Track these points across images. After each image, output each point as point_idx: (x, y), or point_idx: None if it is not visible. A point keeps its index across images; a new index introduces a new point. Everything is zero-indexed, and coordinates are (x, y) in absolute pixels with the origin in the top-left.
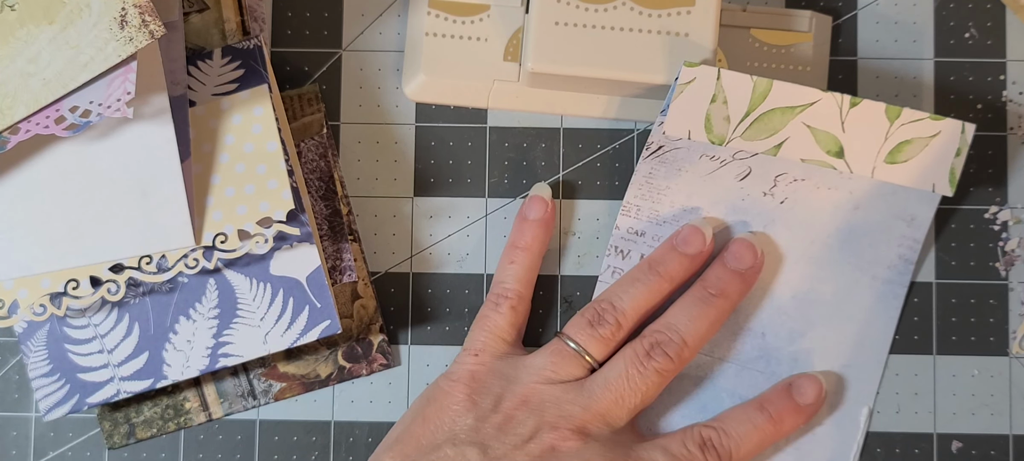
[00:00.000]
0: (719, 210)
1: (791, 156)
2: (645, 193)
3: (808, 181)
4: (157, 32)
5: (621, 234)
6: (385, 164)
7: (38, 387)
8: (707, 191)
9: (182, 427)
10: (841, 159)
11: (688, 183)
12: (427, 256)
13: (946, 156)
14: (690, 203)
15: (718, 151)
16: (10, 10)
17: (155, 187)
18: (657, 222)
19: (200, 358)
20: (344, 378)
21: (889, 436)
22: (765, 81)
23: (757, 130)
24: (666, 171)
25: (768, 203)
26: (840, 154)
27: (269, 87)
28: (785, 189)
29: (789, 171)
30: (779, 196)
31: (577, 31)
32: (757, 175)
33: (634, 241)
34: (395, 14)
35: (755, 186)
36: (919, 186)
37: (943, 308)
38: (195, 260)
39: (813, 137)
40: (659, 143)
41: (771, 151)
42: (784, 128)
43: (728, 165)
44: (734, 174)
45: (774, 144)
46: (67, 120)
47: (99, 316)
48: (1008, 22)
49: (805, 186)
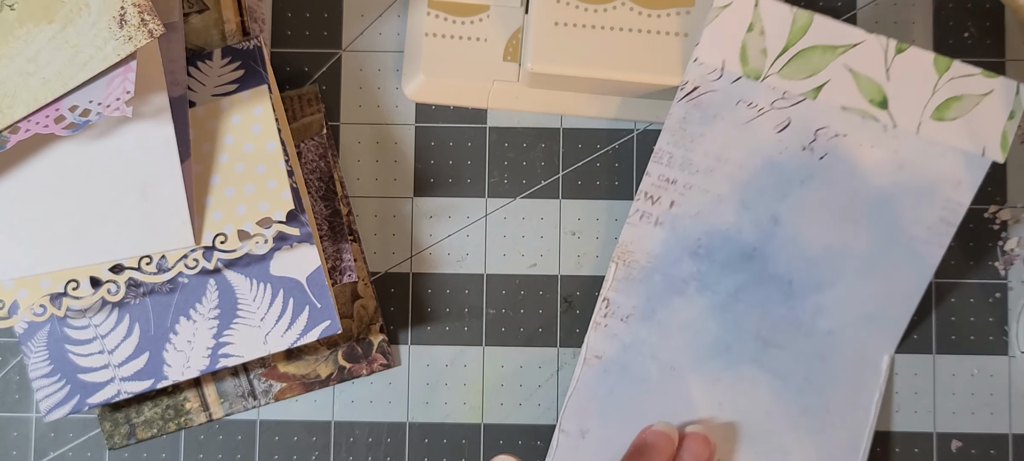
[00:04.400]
0: (755, 163)
1: (831, 102)
2: (678, 140)
3: (850, 137)
4: (156, 31)
5: (652, 180)
6: (385, 164)
7: (39, 388)
8: (743, 141)
9: (182, 427)
10: (884, 110)
11: (723, 132)
12: (427, 256)
13: (998, 118)
14: (725, 153)
15: (755, 97)
16: (10, 9)
17: (155, 187)
18: (690, 171)
19: (200, 358)
20: (344, 378)
21: (889, 435)
22: (806, 13)
23: (796, 68)
24: (701, 116)
25: (807, 158)
26: (884, 104)
27: (269, 87)
28: (826, 144)
29: (830, 124)
30: (818, 151)
31: (577, 31)
32: (796, 127)
33: (664, 188)
34: (395, 14)
35: (794, 139)
36: (968, 148)
37: (943, 308)
38: (195, 260)
39: (855, 82)
40: (694, 83)
41: (810, 94)
42: (824, 69)
43: (766, 114)
44: (772, 124)
45: (813, 86)
46: (67, 119)
47: (99, 316)
48: (1007, 22)
49: (847, 142)
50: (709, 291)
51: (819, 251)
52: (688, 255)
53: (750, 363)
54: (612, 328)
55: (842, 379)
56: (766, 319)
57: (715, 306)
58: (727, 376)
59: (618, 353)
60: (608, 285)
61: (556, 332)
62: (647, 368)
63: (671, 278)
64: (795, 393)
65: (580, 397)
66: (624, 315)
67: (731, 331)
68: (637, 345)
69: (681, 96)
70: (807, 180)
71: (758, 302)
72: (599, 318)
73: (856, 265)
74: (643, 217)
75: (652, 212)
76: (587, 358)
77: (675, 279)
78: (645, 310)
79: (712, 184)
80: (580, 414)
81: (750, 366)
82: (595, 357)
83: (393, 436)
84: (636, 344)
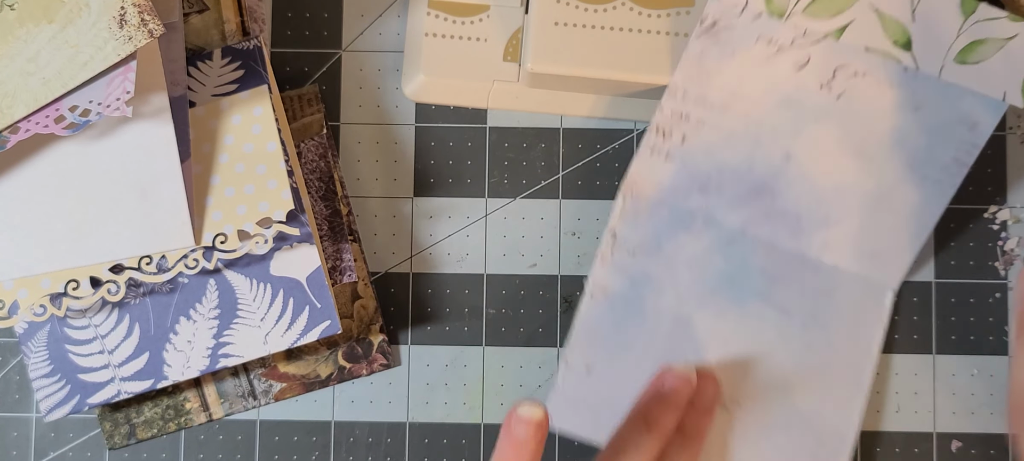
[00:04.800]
0: (770, 100)
1: (855, 42)
2: (694, 75)
3: (869, 76)
4: (156, 31)
5: (665, 115)
6: (385, 164)
7: (39, 388)
8: (760, 78)
9: (182, 427)
10: (908, 52)
11: (741, 67)
12: (427, 256)
13: (1020, 62)
14: (742, 89)
15: (776, 34)
16: (10, 9)
17: (155, 187)
18: (704, 106)
19: (200, 358)
20: (344, 378)
21: (889, 435)
22: None
23: (821, 7)
24: (719, 52)
25: (823, 97)
26: (908, 45)
27: (269, 87)
28: (844, 83)
29: (851, 63)
30: (836, 90)
31: (577, 31)
32: (816, 65)
33: (677, 123)
34: (395, 14)
35: (812, 77)
36: (989, 92)
37: (943, 308)
38: (195, 260)
39: (880, 23)
40: (714, 17)
41: (835, 34)
42: (850, 8)
43: (785, 52)
44: (791, 62)
45: (838, 26)
46: (67, 119)
47: (99, 317)
48: None
49: (865, 82)
50: (716, 226)
51: (829, 188)
52: (697, 189)
53: (756, 298)
54: (619, 262)
55: (846, 315)
56: (773, 254)
57: (722, 240)
58: (732, 311)
59: (624, 288)
60: (615, 218)
61: (556, 332)
62: (653, 303)
63: (679, 212)
64: (799, 328)
65: (586, 332)
66: (631, 249)
67: (738, 266)
68: (643, 280)
69: (700, 30)
70: (822, 118)
71: (765, 237)
72: (606, 251)
73: (866, 202)
74: (653, 151)
75: (663, 147)
76: (593, 292)
77: (682, 213)
78: (651, 244)
79: (726, 120)
80: (585, 349)
81: (756, 302)
82: (601, 291)
83: (393, 436)
84: (642, 279)
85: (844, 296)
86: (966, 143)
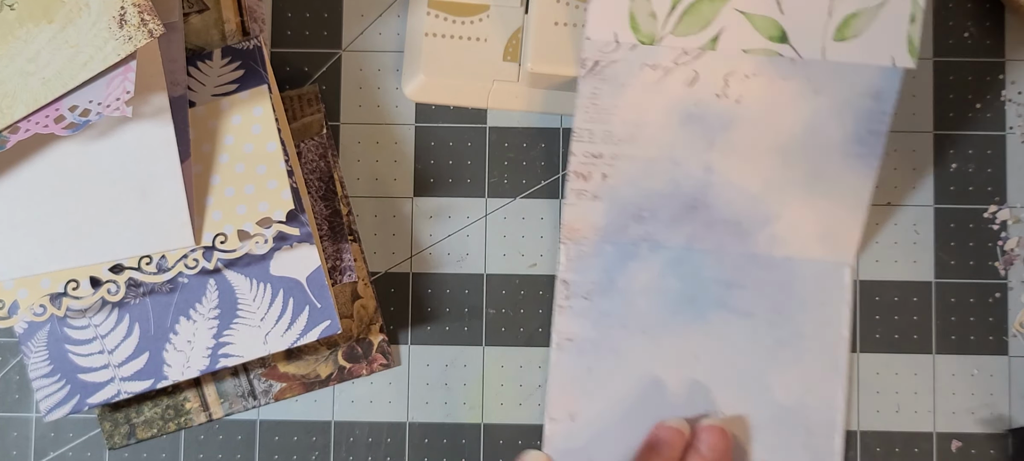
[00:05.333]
0: (673, 120)
1: (731, 49)
2: (593, 116)
3: (761, 76)
4: (156, 31)
5: (578, 159)
6: (385, 164)
7: (39, 388)
8: (657, 103)
9: (182, 427)
10: (785, 43)
11: (635, 97)
12: (427, 256)
13: (899, 25)
14: (643, 117)
15: (657, 58)
16: (9, 9)
17: (155, 187)
18: (612, 142)
19: (200, 358)
20: (344, 378)
21: (889, 435)
22: None
23: (688, 23)
24: (610, 89)
25: (723, 105)
26: (783, 38)
27: (269, 87)
28: (738, 87)
29: (737, 68)
30: (733, 96)
31: (577, 31)
32: (705, 78)
33: (593, 163)
34: (395, 14)
35: (706, 90)
36: (877, 61)
37: (942, 308)
38: (195, 260)
39: (750, 23)
40: (593, 58)
41: (709, 45)
42: (716, 17)
43: (672, 73)
44: (681, 81)
45: (709, 37)
46: (66, 119)
47: (99, 316)
48: (1007, 22)
49: (759, 82)
50: (662, 248)
51: (759, 187)
52: (632, 220)
53: (717, 308)
54: (577, 307)
55: (808, 302)
56: (723, 261)
57: (671, 261)
58: (697, 327)
59: (587, 330)
60: (563, 267)
61: None
62: (619, 338)
63: (622, 246)
64: (766, 327)
65: (561, 383)
66: (585, 292)
67: (691, 282)
68: (604, 318)
69: (585, 73)
70: (729, 125)
71: (712, 247)
72: (562, 301)
73: (798, 191)
74: (580, 196)
75: (587, 189)
76: (559, 343)
77: (626, 246)
78: (604, 282)
79: (638, 149)
80: (564, 399)
81: (717, 311)
82: (567, 340)
83: (393, 436)
84: (603, 317)
85: (802, 284)
86: (876, 113)
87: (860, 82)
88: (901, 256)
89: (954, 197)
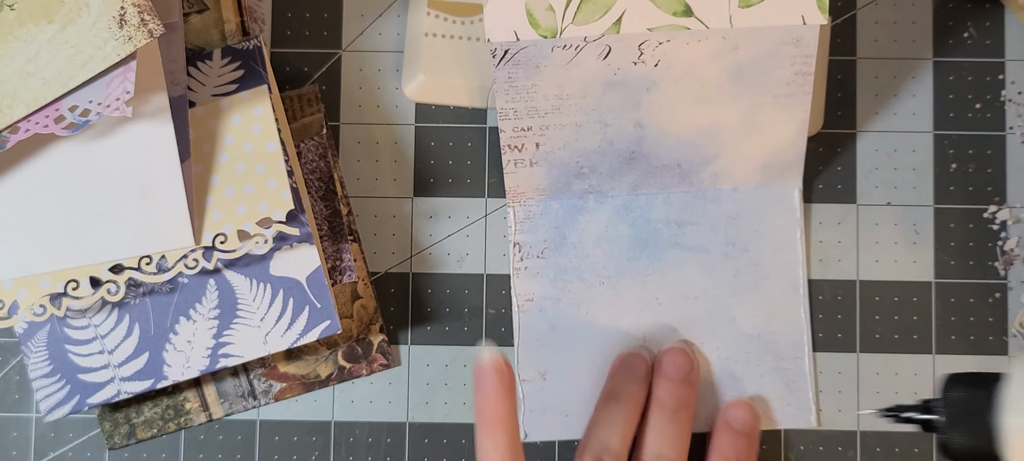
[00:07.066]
0: (595, 89)
1: (636, 29)
2: (513, 97)
3: (674, 40)
4: (156, 31)
5: (508, 135)
6: (385, 164)
7: (39, 388)
8: (575, 78)
9: (182, 427)
10: (691, 17)
11: (552, 76)
12: (427, 256)
13: None
14: (564, 91)
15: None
16: (9, 9)
17: (155, 187)
18: (539, 116)
19: (200, 358)
20: (344, 378)
21: (889, 435)
22: None
23: (587, 12)
24: (525, 71)
25: (642, 70)
26: (688, 12)
27: (269, 87)
28: (654, 53)
29: (649, 37)
30: (650, 61)
31: None
32: (618, 50)
33: (524, 136)
34: (395, 14)
35: (621, 59)
36: (787, 22)
37: (942, 308)
38: (195, 260)
39: (652, 2)
40: (502, 48)
41: (612, 29)
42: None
43: (584, 50)
44: (595, 55)
45: (612, 21)
46: (66, 119)
47: (99, 317)
48: (1007, 22)
49: (675, 44)
50: (608, 197)
51: (693, 135)
52: (574, 177)
53: (671, 248)
54: (532, 267)
55: (760, 228)
56: (671, 201)
57: (619, 208)
58: (654, 269)
59: (546, 288)
60: (513, 230)
61: None
62: (578, 292)
63: (568, 200)
64: (722, 260)
65: (527, 343)
66: (539, 252)
67: (642, 226)
68: (561, 274)
69: (496, 62)
70: (652, 86)
71: (657, 190)
72: (516, 264)
73: (733, 133)
74: (517, 164)
75: (523, 157)
76: (520, 305)
77: (572, 199)
78: (556, 239)
79: (565, 118)
80: (534, 359)
81: (672, 251)
82: (527, 301)
83: (393, 436)
84: (560, 274)
85: (752, 212)
86: (799, 57)
87: (777, 34)
88: (901, 256)
89: (954, 197)
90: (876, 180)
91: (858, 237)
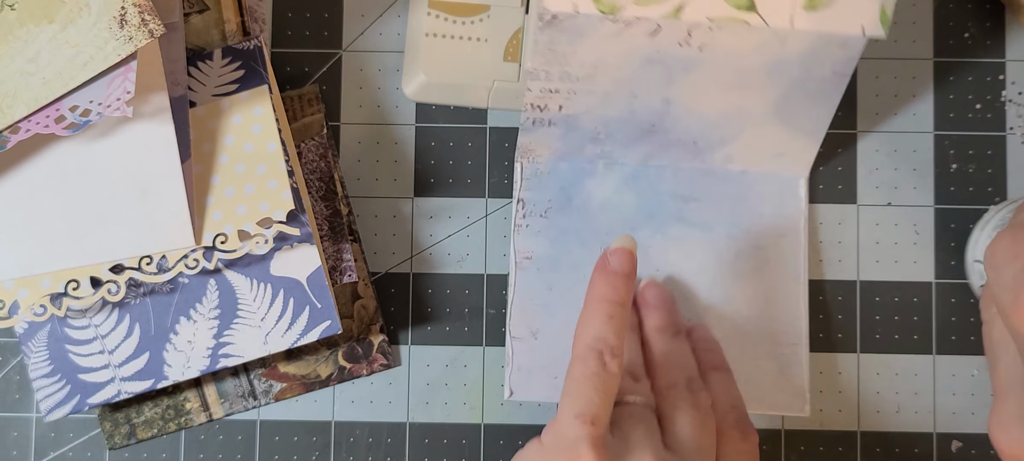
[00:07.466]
0: (633, 63)
1: (695, 18)
2: (549, 59)
3: (726, 29)
4: (157, 31)
5: (534, 94)
6: (385, 164)
7: (39, 388)
8: (617, 49)
9: (183, 427)
10: (753, 12)
11: (594, 45)
12: (427, 256)
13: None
14: (602, 61)
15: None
16: (10, 9)
17: (155, 187)
18: (570, 80)
19: (201, 358)
20: (344, 378)
21: (889, 436)
22: None
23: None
24: (568, 38)
25: (685, 52)
26: (751, 7)
27: (269, 87)
28: (702, 37)
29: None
30: (696, 44)
31: None
32: (668, 30)
33: (549, 97)
34: (395, 14)
35: (668, 39)
36: (846, 30)
37: (943, 308)
38: (195, 260)
39: None
40: (553, 12)
41: (672, 14)
42: None
43: (634, 26)
44: (643, 31)
45: (673, 7)
46: (67, 119)
47: (100, 316)
48: (1007, 22)
49: (724, 33)
50: (618, 166)
51: (716, 116)
52: (589, 141)
53: (675, 222)
54: (534, 226)
55: (765, 213)
56: (679, 176)
57: (627, 177)
58: (656, 241)
59: (546, 248)
60: (519, 186)
61: None
62: (578, 255)
63: (578, 162)
64: (725, 239)
65: (522, 300)
66: (542, 210)
67: (649, 196)
68: (562, 235)
69: (542, 25)
70: (690, 68)
71: (668, 163)
72: (519, 220)
73: (756, 120)
74: (536, 123)
75: (543, 117)
76: (518, 261)
77: (582, 162)
78: (561, 199)
79: (596, 85)
80: (526, 317)
81: (676, 225)
82: (525, 258)
83: (393, 436)
84: (561, 234)
85: (758, 196)
86: (841, 59)
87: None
88: (901, 256)
89: (954, 197)
90: (876, 180)
91: (858, 237)
